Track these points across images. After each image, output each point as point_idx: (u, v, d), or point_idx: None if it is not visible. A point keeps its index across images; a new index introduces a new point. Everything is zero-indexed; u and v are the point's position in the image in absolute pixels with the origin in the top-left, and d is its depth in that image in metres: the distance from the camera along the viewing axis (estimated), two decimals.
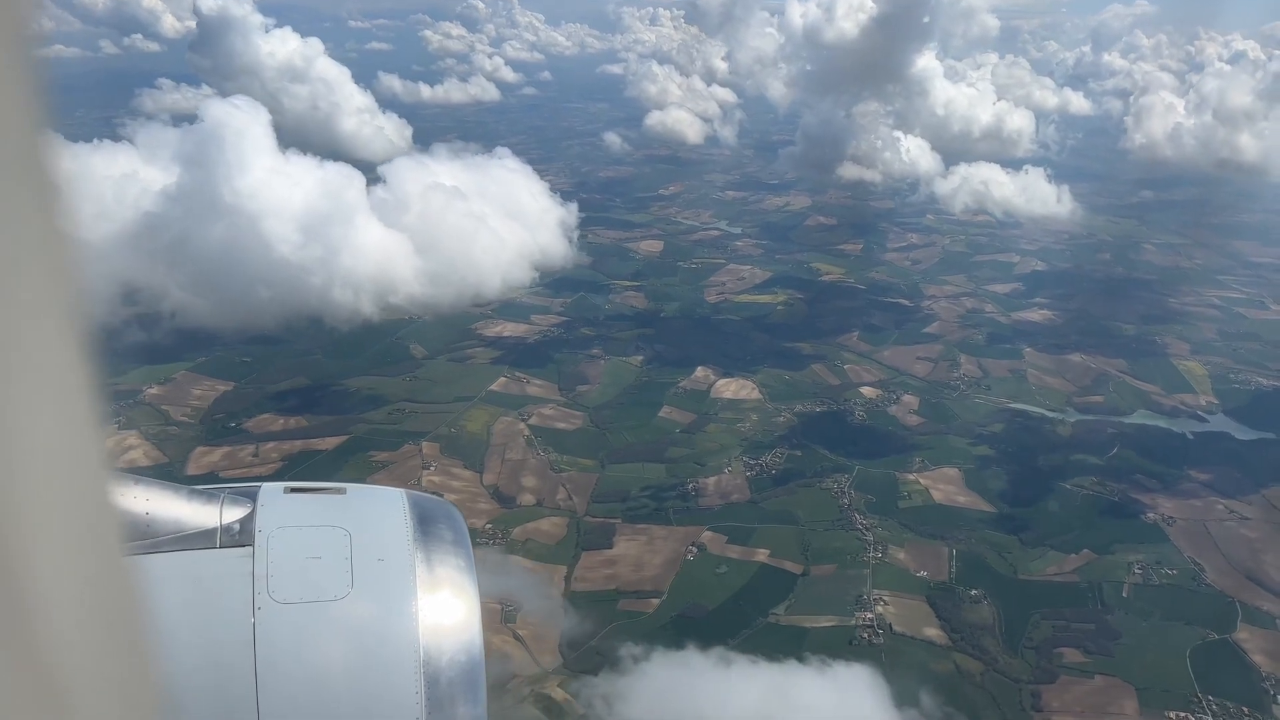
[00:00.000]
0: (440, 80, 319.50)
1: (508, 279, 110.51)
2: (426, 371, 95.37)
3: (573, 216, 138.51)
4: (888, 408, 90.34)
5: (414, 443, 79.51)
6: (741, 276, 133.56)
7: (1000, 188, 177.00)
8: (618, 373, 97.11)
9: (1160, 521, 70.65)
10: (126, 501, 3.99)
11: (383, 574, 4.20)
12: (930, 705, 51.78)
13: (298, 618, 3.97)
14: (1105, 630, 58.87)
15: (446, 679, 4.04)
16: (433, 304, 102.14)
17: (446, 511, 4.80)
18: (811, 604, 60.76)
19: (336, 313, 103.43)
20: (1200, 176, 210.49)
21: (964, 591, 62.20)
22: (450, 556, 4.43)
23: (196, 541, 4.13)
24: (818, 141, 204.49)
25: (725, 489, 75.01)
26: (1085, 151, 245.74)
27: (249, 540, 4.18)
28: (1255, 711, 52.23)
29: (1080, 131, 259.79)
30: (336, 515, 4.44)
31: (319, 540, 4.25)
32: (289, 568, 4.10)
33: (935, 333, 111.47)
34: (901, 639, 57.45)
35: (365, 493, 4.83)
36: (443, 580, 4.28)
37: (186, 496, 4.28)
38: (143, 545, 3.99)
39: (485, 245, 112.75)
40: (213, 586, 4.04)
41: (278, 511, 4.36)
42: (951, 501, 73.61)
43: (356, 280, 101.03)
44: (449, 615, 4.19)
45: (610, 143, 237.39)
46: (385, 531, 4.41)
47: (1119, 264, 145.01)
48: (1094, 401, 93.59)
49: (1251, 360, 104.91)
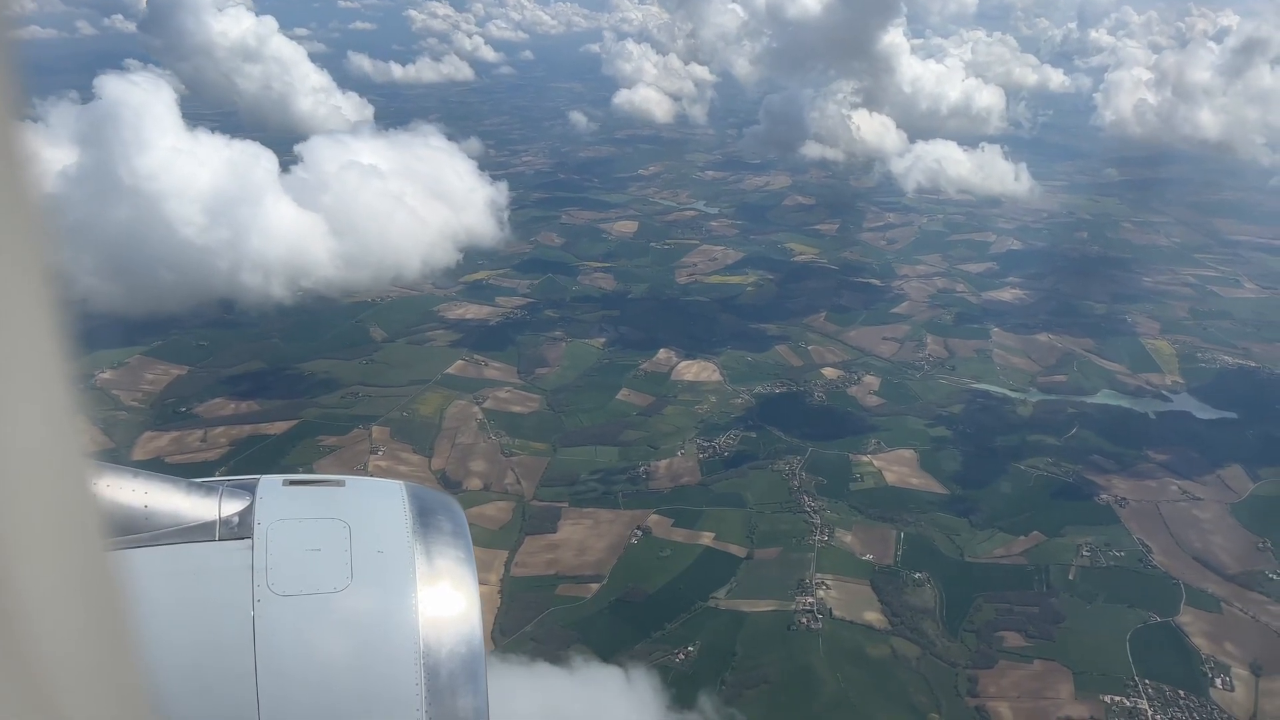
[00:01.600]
0: (413, 60, 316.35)
1: (429, 260, 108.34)
2: (384, 354, 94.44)
3: (503, 195, 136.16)
4: (848, 389, 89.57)
5: (364, 427, 78.68)
6: (714, 257, 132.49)
7: (956, 166, 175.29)
8: (579, 355, 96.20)
9: (1113, 503, 69.98)
10: (125, 495, 4.00)
11: (382, 566, 4.19)
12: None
13: (297, 610, 3.95)
14: (1048, 613, 58.26)
15: (447, 671, 4.03)
16: (350, 286, 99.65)
17: (446, 503, 4.81)
18: (753, 588, 60.05)
19: (294, 295, 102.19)
20: (1177, 154, 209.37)
21: (908, 575, 61.54)
22: (449, 548, 4.42)
23: (195, 534, 4.13)
24: (781, 120, 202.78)
25: (676, 472, 74.24)
26: (1060, 128, 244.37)
27: (248, 533, 4.17)
28: (1191, 695, 51.65)
29: (1052, 109, 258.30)
30: (336, 507, 4.44)
31: (318, 532, 4.25)
32: (288, 560, 4.09)
33: (904, 313, 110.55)
34: (840, 623, 56.80)
35: (364, 485, 4.81)
36: (442, 572, 4.27)
37: (185, 489, 4.28)
38: (141, 538, 3.99)
39: (405, 226, 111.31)
40: (212, 579, 4.02)
41: (277, 504, 4.36)
42: (904, 483, 72.90)
43: (267, 263, 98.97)
44: (449, 607, 4.18)
45: (576, 122, 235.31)
46: (384, 524, 4.41)
47: (1095, 242, 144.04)
48: (1057, 381, 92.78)
49: (1221, 339, 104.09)
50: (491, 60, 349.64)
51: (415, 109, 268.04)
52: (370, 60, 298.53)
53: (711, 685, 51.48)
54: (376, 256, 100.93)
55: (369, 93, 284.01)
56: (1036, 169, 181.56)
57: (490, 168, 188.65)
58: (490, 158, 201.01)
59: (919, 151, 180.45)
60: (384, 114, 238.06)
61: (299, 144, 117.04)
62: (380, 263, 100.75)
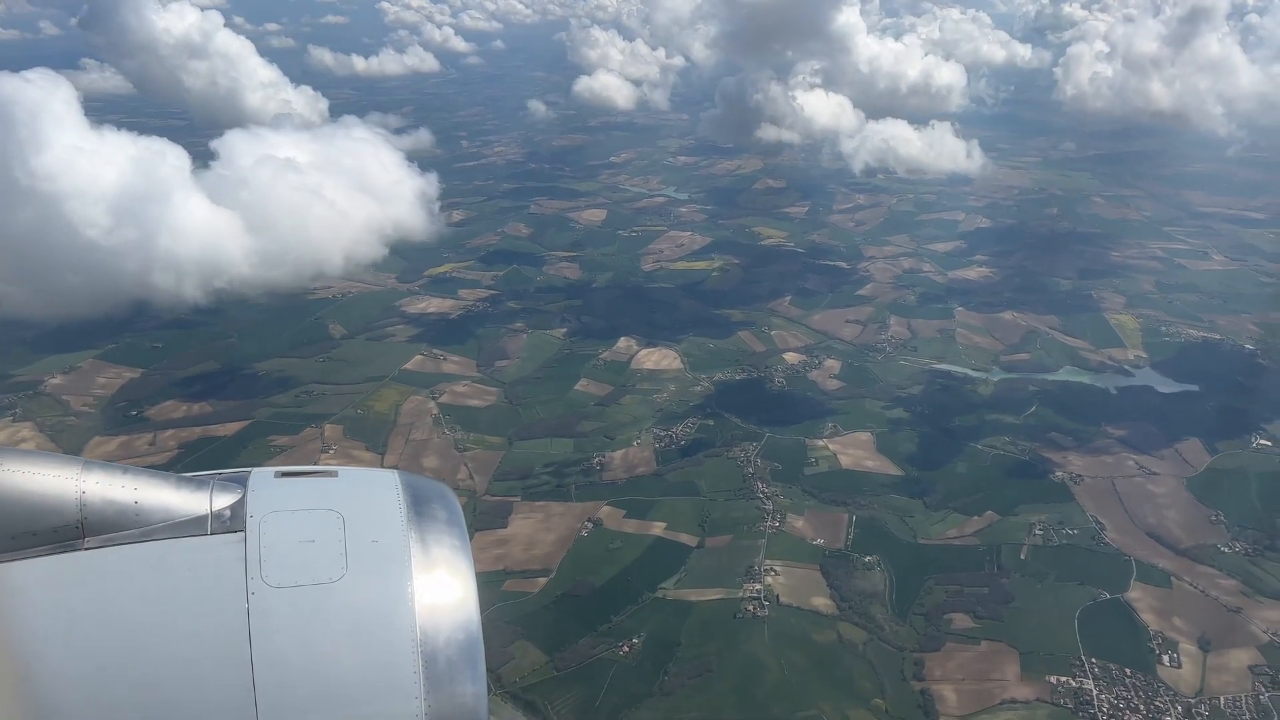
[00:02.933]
0: (376, 52, 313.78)
1: (353, 255, 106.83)
2: (342, 351, 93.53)
3: (433, 187, 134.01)
4: (808, 373, 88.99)
5: (316, 425, 77.84)
6: (680, 243, 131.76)
7: (906, 144, 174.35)
8: (539, 346, 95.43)
9: (1068, 480, 69.57)
10: (114, 491, 4.06)
11: (377, 555, 4.19)
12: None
13: (292, 601, 3.95)
14: (998, 594, 57.78)
15: (445, 657, 4.03)
16: (270, 284, 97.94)
17: (440, 492, 4.83)
18: (702, 577, 59.44)
19: (252, 293, 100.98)
20: (1139, 127, 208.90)
21: (858, 559, 61.03)
22: (445, 536, 4.44)
23: (187, 529, 4.14)
24: (736, 103, 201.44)
25: (632, 462, 73.57)
26: (1025, 103, 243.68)
27: (240, 526, 4.18)
28: (1138, 672, 51.20)
29: (1013, 84, 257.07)
30: (329, 498, 4.44)
31: (312, 524, 4.25)
32: (282, 552, 4.09)
33: (868, 295, 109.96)
34: (787, 610, 56.23)
35: (358, 475, 4.83)
36: (438, 560, 4.29)
37: (175, 484, 4.29)
38: (132, 534, 4.02)
39: (326, 220, 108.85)
40: (205, 573, 4.01)
41: (269, 496, 4.37)
42: (859, 466, 72.39)
43: (178, 263, 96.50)
44: (445, 594, 4.20)
45: (534, 111, 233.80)
46: (379, 513, 4.41)
47: (1065, 218, 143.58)
48: (1020, 359, 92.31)
49: (1185, 312, 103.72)
50: (461, 50, 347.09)
51: (389, 101, 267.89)
52: (332, 54, 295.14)
53: (653, 677, 50.89)
54: (296, 253, 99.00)
55: (338, 87, 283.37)
56: (999, 145, 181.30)
57: (461, 159, 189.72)
58: (462, 149, 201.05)
59: (868, 131, 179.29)
60: (357, 107, 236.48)
61: (215, 140, 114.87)
62: (300, 259, 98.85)
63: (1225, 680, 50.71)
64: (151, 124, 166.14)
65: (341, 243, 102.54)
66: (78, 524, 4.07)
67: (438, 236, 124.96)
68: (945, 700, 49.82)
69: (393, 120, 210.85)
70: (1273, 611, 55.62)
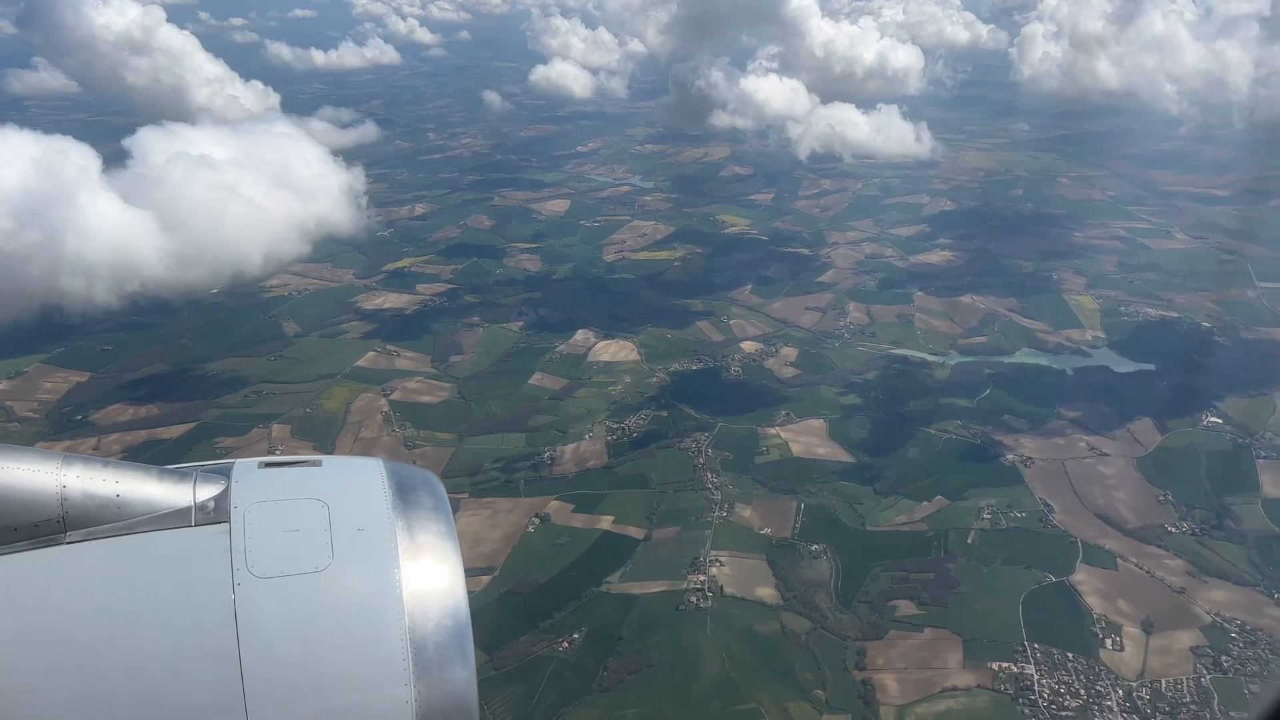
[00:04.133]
0: (335, 46, 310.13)
1: (273, 254, 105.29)
2: (295, 350, 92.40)
3: (360, 181, 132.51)
4: (765, 361, 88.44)
5: (264, 426, 76.87)
6: (644, 233, 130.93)
7: (855, 129, 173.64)
8: (495, 340, 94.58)
9: (1018, 463, 69.32)
10: (95, 485, 4.00)
11: (363, 544, 4.16)
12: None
13: (279, 592, 3.91)
14: (944, 579, 57.43)
15: (434, 644, 4.00)
16: (185, 285, 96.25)
17: (425, 479, 4.77)
18: (647, 570, 58.87)
19: (202, 293, 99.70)
20: (1097, 107, 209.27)
21: (805, 547, 60.58)
22: (431, 523, 4.40)
23: (171, 521, 4.10)
24: (688, 91, 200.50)
25: (583, 456, 72.90)
26: (984, 85, 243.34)
27: (224, 517, 4.13)
28: (1080, 656, 50.93)
29: (971, 65, 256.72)
30: (313, 488, 4.39)
31: (297, 513, 4.21)
32: (267, 542, 4.05)
33: (828, 281, 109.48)
34: (731, 601, 55.72)
35: (342, 464, 4.78)
36: (424, 547, 4.25)
37: (158, 476, 4.23)
38: (115, 527, 3.98)
39: (245, 218, 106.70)
40: (190, 565, 3.97)
41: (253, 487, 4.32)
42: (811, 454, 71.94)
43: (88, 265, 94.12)
44: (433, 581, 4.16)
45: (490, 102, 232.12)
46: (364, 501, 4.37)
47: (1029, 200, 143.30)
48: (977, 343, 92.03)
49: (1145, 291, 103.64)
50: (426, 42, 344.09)
51: (358, 95, 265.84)
52: (290, 48, 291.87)
53: (593, 673, 50.35)
54: (213, 252, 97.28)
55: (305, 82, 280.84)
56: (968, 127, 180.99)
57: (428, 152, 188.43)
58: (429, 142, 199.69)
59: (814, 116, 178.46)
60: (324, 102, 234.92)
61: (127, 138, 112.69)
62: (218, 258, 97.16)
63: (1167, 663, 50.50)
64: (98, 123, 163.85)
65: (261, 240, 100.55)
66: (59, 518, 4.02)
67: (366, 230, 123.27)
68: (886, 689, 49.45)
69: (345, 114, 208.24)
70: (1217, 592, 55.46)
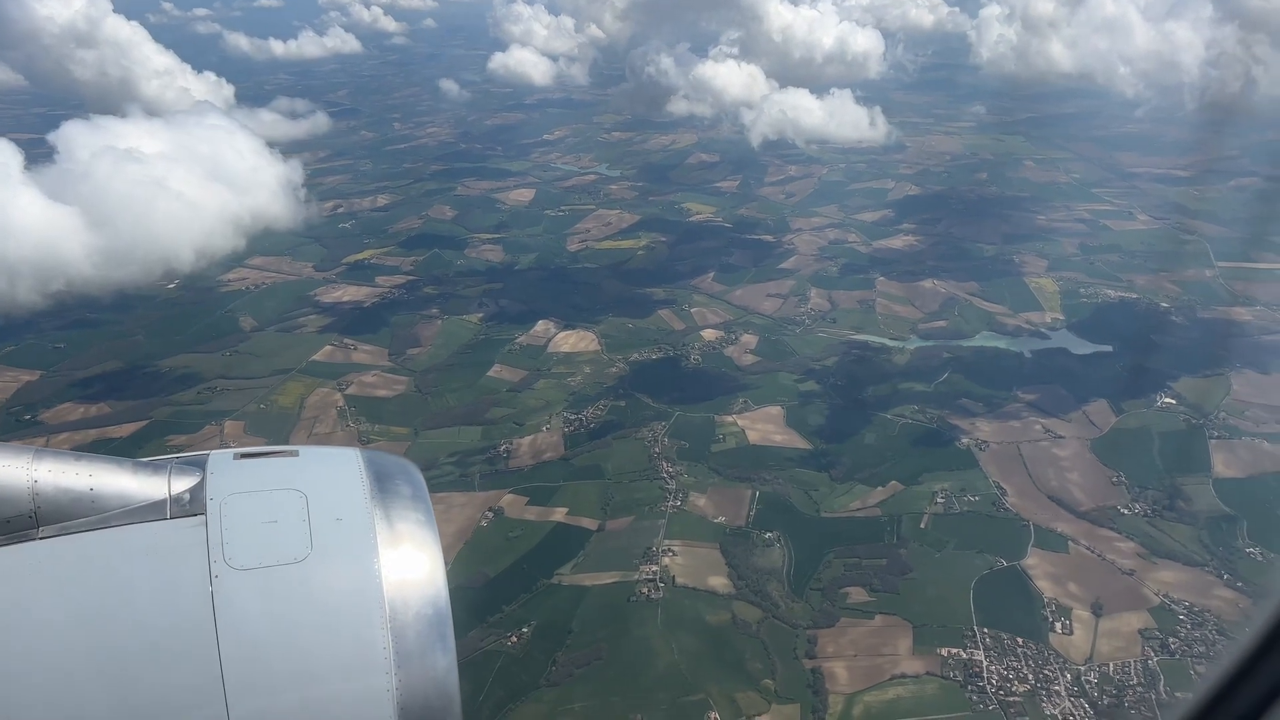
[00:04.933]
0: (295, 35, 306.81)
1: (205, 249, 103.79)
2: (251, 345, 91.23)
3: (298, 173, 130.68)
4: (724, 349, 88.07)
5: (217, 423, 75.75)
6: (608, 222, 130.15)
7: (809, 114, 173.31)
8: (454, 332, 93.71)
9: (974, 446, 69.31)
10: (68, 479, 3.96)
11: (342, 533, 4.13)
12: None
13: (257, 583, 3.89)
14: (896, 565, 57.27)
15: (414, 632, 3.99)
16: (116, 283, 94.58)
17: (403, 467, 4.74)
18: (599, 561, 58.41)
19: (157, 289, 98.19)
20: (1074, 90, 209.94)
21: (759, 535, 60.29)
22: (410, 511, 4.38)
23: (146, 514, 4.05)
24: (643, 77, 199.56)
25: (539, 448, 72.30)
26: (947, 68, 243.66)
27: (200, 509, 4.09)
28: (1030, 641, 50.91)
29: (930, 49, 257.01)
30: (290, 478, 4.36)
31: (274, 504, 4.18)
32: (244, 533, 4.02)
33: (791, 268, 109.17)
34: (682, 591, 55.36)
35: (319, 454, 4.74)
36: (404, 535, 4.23)
37: (132, 469, 4.22)
38: (89, 521, 3.94)
39: (175, 213, 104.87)
40: (166, 558, 3.93)
41: (229, 478, 4.28)
42: (767, 441, 71.66)
43: (10, 264, 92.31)
44: (412, 569, 4.14)
45: (447, 90, 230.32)
46: (342, 491, 4.35)
47: (994, 183, 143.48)
48: (937, 327, 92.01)
49: (1105, 273, 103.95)
50: (390, 30, 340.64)
51: (324, 85, 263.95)
52: (248, 38, 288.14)
53: (542, 668, 49.90)
54: (143, 248, 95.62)
55: (272, 72, 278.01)
56: (935, 110, 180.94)
57: (393, 141, 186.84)
58: (394, 131, 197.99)
59: (768, 102, 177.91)
60: (288, 92, 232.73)
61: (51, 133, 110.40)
62: (146, 255, 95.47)
63: (1115, 646, 50.53)
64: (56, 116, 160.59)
65: (193, 235, 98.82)
66: (31, 514, 3.94)
67: (305, 222, 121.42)
68: (836, 678, 49.26)
69: (300, 105, 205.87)
70: (1166, 573, 55.59)
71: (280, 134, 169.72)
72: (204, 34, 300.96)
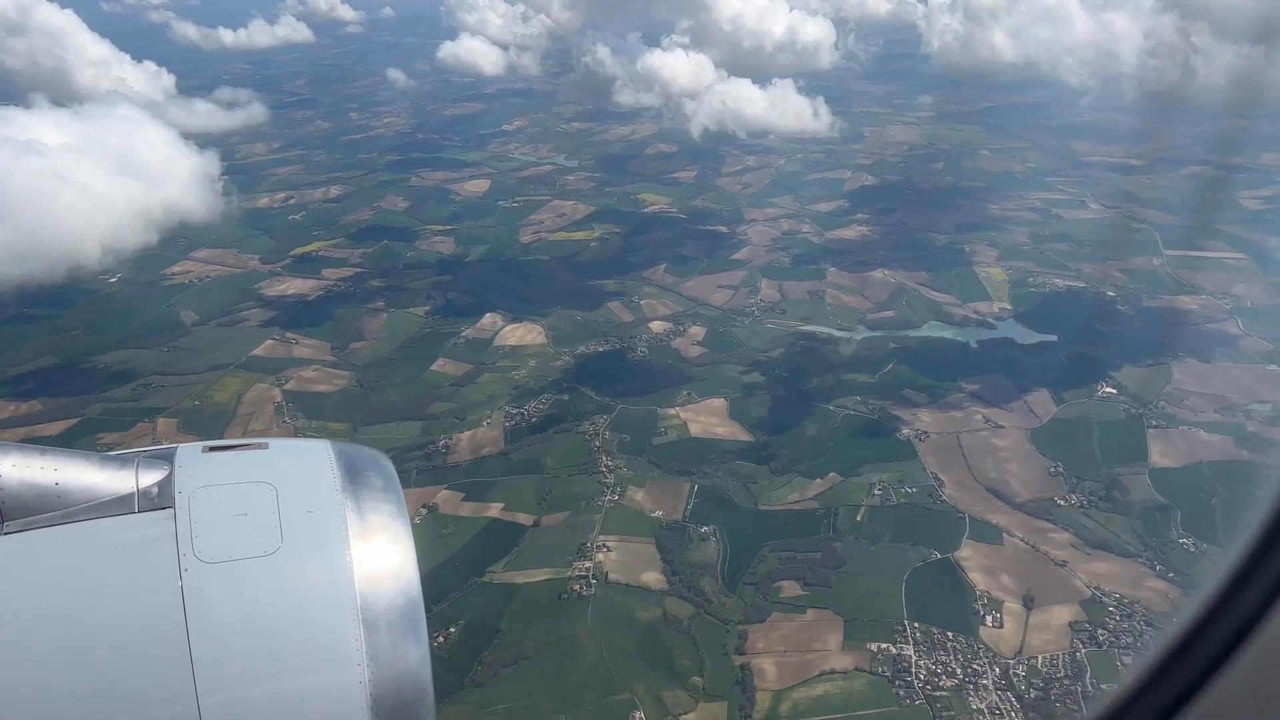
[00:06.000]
0: (245, 24, 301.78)
1: (113, 244, 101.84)
2: (190, 340, 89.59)
3: (213, 165, 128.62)
4: (672, 341, 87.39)
5: (150, 420, 74.29)
6: (563, 213, 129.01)
7: (751, 105, 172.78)
8: (399, 326, 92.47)
9: (914, 437, 69.07)
10: (32, 473, 3.90)
11: (313, 526, 4.10)
12: None
13: (227, 576, 3.85)
14: (830, 559, 56.90)
15: (386, 623, 3.93)
16: (15, 280, 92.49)
17: (374, 459, 4.72)
18: (533, 557, 57.68)
19: (98, 282, 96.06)
20: (1035, 79, 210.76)
21: (695, 529, 59.77)
22: (381, 503, 4.34)
23: (113, 508, 4.02)
24: (586, 66, 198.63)
25: (479, 443, 71.40)
26: (902, 58, 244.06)
27: (169, 502, 4.05)
28: (959, 634, 50.70)
29: (881, 39, 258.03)
30: (260, 471, 4.32)
31: (243, 497, 4.15)
32: (214, 527, 3.99)
33: (743, 259, 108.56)
34: (614, 587, 54.76)
35: (289, 446, 4.74)
36: (375, 527, 4.19)
37: (98, 463, 4.15)
38: (55, 516, 3.89)
39: (80, 207, 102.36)
40: (134, 552, 3.90)
41: (197, 471, 4.23)
42: (709, 434, 71.08)
43: None
44: (384, 561, 4.10)
45: (404, 79, 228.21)
46: (312, 483, 4.31)
47: (950, 173, 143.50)
48: (885, 317, 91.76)
49: (1055, 262, 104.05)
50: (346, 19, 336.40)
51: (283, 75, 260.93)
52: (196, 27, 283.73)
53: (467, 668, 49.13)
54: (46, 244, 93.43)
55: (231, 61, 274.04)
56: (895, 100, 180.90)
57: (349, 132, 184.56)
58: (351, 122, 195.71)
59: (711, 93, 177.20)
60: (246, 82, 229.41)
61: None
62: (48, 252, 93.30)
63: (1045, 639, 50.41)
64: None
65: (99, 230, 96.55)
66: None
67: (223, 216, 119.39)
68: (765, 674, 48.83)
69: (243, 94, 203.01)
70: (1099, 564, 55.56)
71: (214, 125, 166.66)
72: (157, 23, 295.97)
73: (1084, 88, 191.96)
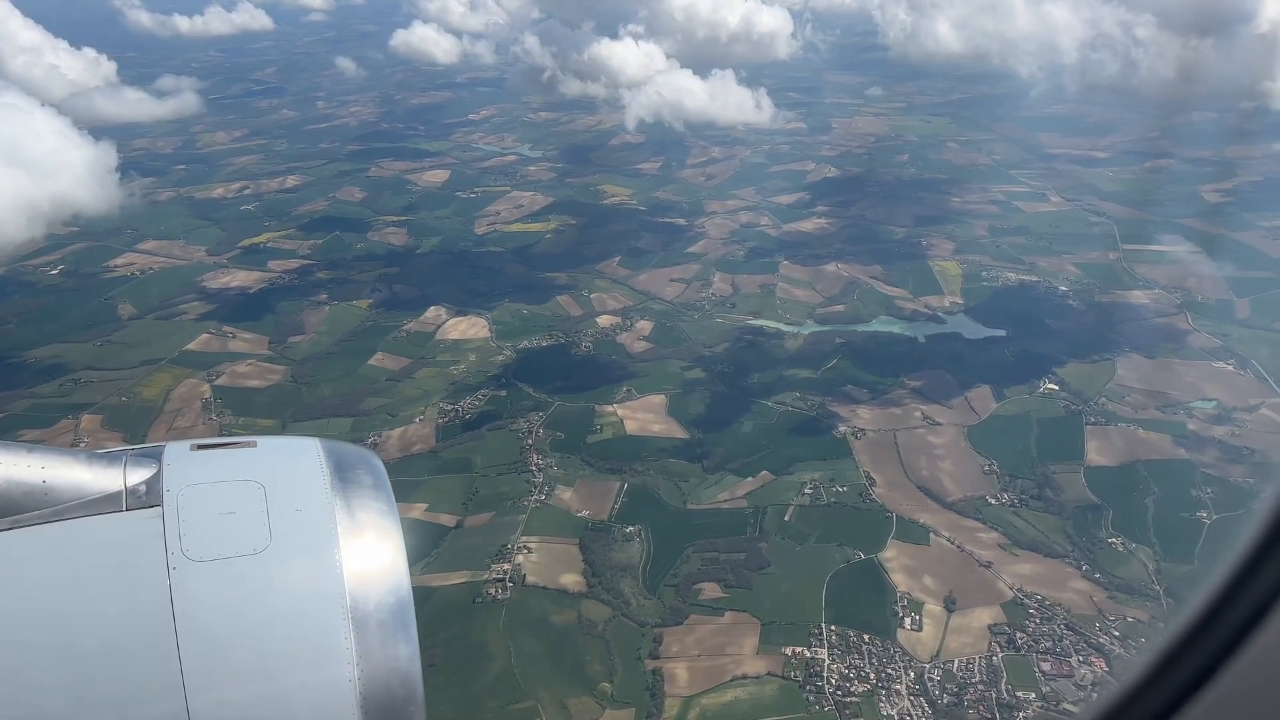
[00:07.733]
0: (201, 11, 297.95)
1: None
2: (125, 334, 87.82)
3: (110, 156, 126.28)
4: (617, 336, 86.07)
5: (73, 417, 72.60)
6: (520, 204, 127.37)
7: (691, 96, 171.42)
8: (340, 319, 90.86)
9: (850, 435, 67.98)
10: (19, 471, 3.85)
11: (301, 524, 4.08)
12: None
13: (215, 575, 3.82)
14: (754, 560, 55.78)
15: (375, 621, 3.91)
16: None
17: (364, 457, 4.66)
18: (452, 560, 56.35)
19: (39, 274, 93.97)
20: (1005, 71, 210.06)
21: (620, 530, 58.57)
22: (371, 501, 4.29)
23: (101, 506, 3.99)
24: (539, 56, 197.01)
25: (409, 440, 70.06)
26: (860, 48, 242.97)
27: (157, 500, 4.02)
28: (877, 637, 49.65)
29: (838, 29, 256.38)
30: (248, 469, 4.29)
31: (232, 495, 4.12)
32: (202, 525, 3.95)
33: (698, 252, 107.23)
34: (532, 590, 53.51)
35: (278, 444, 4.68)
36: (365, 525, 4.16)
37: (86, 461, 4.11)
38: (42, 514, 3.84)
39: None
40: (122, 550, 3.86)
41: (185, 469, 4.20)
42: (645, 431, 69.86)
43: None
44: (374, 559, 4.07)
45: (343, 68, 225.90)
46: (301, 481, 4.28)
47: (914, 165, 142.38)
48: (835, 311, 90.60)
49: (1010, 256, 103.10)
50: (310, 6, 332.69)
51: (253, 63, 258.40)
52: (150, 14, 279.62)
53: None
54: None
55: (202, 49, 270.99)
56: (866, 91, 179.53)
57: (314, 121, 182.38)
58: (316, 111, 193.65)
59: (651, 84, 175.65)
60: (217, 71, 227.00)
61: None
62: None
63: (964, 642, 49.45)
64: None
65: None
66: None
67: (121, 208, 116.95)
68: (676, 679, 47.74)
69: (186, 83, 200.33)
70: (1025, 565, 54.62)
71: (145, 114, 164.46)
72: (119, 9, 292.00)
73: (1032, 79, 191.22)
